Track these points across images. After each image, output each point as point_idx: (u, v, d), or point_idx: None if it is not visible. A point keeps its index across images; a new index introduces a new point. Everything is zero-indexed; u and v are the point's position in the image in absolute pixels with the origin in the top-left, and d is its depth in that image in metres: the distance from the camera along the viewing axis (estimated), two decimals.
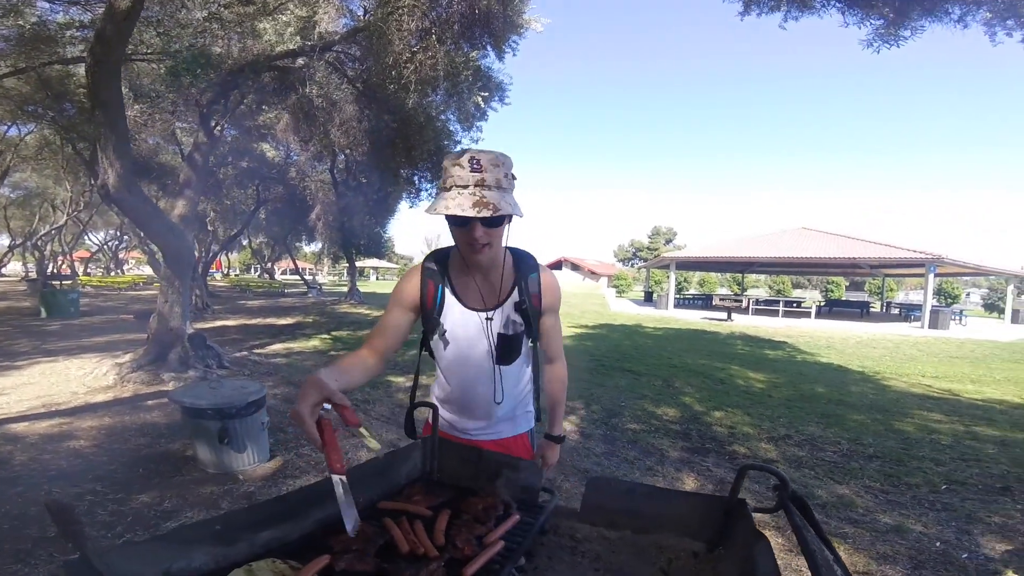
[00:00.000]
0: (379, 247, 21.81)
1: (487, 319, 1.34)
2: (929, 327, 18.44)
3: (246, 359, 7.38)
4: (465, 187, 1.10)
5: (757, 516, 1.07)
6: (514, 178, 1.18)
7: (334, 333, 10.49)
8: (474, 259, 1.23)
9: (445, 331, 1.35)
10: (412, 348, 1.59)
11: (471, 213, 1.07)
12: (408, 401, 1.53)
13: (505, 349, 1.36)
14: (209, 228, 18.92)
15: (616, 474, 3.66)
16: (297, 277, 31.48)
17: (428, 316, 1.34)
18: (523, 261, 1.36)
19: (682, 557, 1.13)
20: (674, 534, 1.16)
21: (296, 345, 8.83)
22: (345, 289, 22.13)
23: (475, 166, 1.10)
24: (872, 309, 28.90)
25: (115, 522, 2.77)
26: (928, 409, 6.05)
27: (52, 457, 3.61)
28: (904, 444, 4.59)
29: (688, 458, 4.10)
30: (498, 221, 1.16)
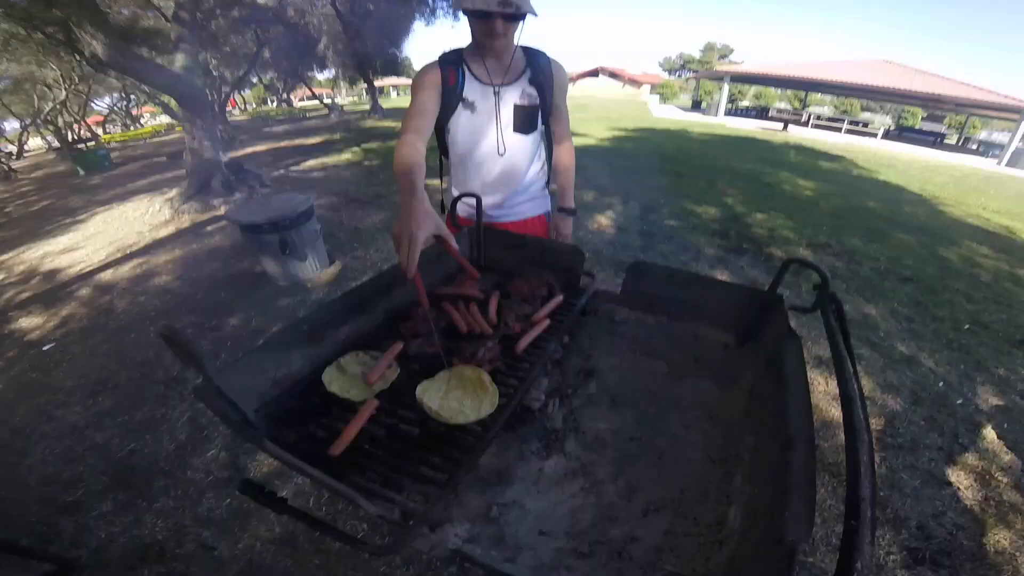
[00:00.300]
0: (396, 66, 20.37)
1: (498, 92, 1.45)
2: (1007, 164, 15.82)
3: (285, 176, 7.51)
4: None
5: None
6: None
7: (364, 146, 10.32)
8: (490, 47, 1.35)
9: (472, 103, 1.45)
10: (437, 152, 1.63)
11: (496, 8, 1.24)
12: (442, 200, 1.71)
13: (521, 119, 1.48)
14: (214, 73, 17.70)
15: None
16: (316, 102, 30.04)
17: (450, 94, 1.42)
18: (533, 51, 1.50)
19: (713, 347, 1.21)
20: (708, 325, 1.22)
21: (329, 160, 8.88)
22: (367, 107, 21.36)
23: None
24: (947, 141, 25.24)
25: (218, 348, 3.03)
26: (978, 241, 5.68)
27: (147, 298, 3.86)
28: (943, 273, 4.41)
29: (724, 256, 4.17)
30: (518, 17, 1.30)
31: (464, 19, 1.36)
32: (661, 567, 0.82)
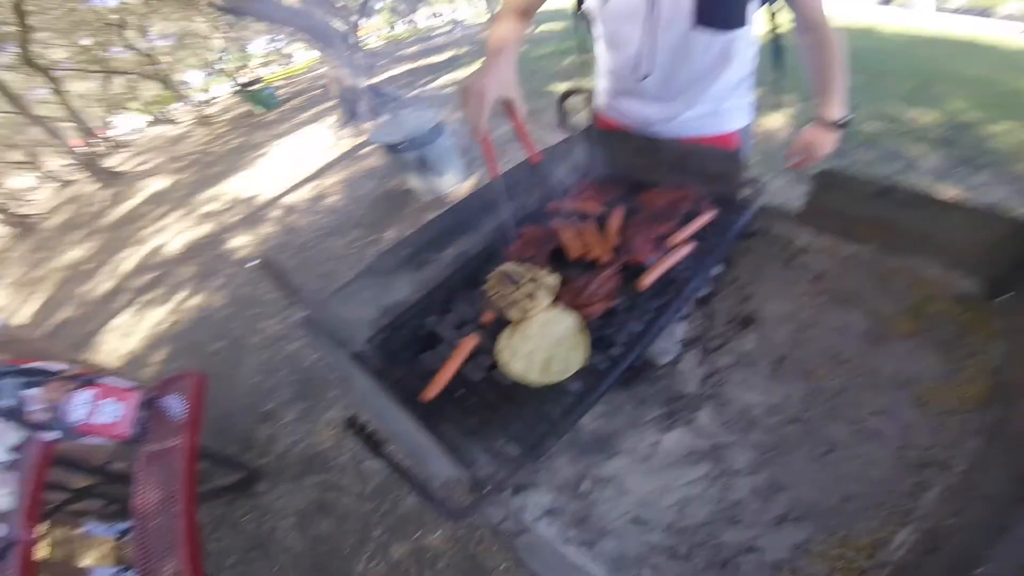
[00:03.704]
0: None
1: None
2: None
3: (421, 95, 7.76)
4: None
5: None
6: None
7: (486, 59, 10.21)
8: None
9: None
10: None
11: None
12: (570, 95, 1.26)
13: (715, 4, 0.90)
14: (337, 4, 18.63)
15: None
16: (439, 20, 30.04)
17: None
18: None
19: (942, 299, 0.79)
20: (939, 262, 0.80)
21: (458, 75, 8.89)
22: (488, 18, 20.64)
23: None
24: None
25: None
26: None
27: (321, 216, 4.57)
28: None
29: (949, 170, 3.08)
30: None
31: None
32: None
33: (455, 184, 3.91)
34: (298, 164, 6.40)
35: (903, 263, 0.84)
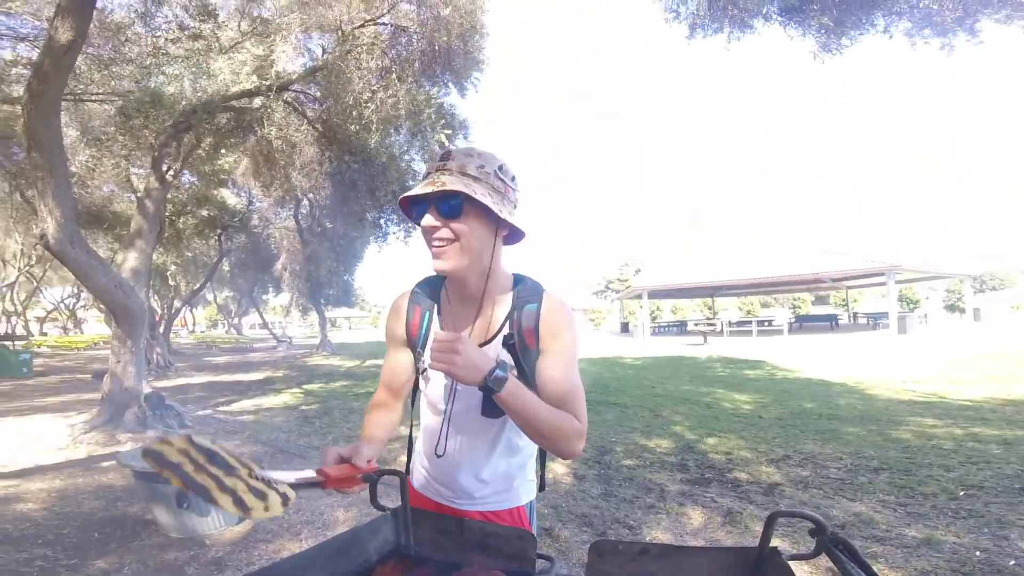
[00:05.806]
0: (349, 296, 20.91)
1: None
2: (898, 333, 19.15)
3: (211, 417, 6.83)
4: (427, 175, 0.94)
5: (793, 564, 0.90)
6: (499, 178, 0.95)
7: (306, 386, 9.71)
8: (437, 266, 0.96)
9: (426, 369, 1.07)
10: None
11: (418, 191, 0.90)
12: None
13: (490, 400, 1.02)
14: (171, 282, 18.16)
15: (616, 516, 3.34)
16: (266, 332, 29.96)
17: (413, 349, 1.12)
18: (525, 289, 1.05)
19: None
20: None
21: (266, 401, 8.25)
22: (316, 341, 21.25)
23: (443, 155, 0.95)
24: (841, 321, 29.72)
25: None
26: (919, 414, 6.04)
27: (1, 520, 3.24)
28: (907, 453, 4.48)
29: (689, 491, 3.84)
30: (455, 209, 0.91)
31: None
32: None
33: (221, 526, 3.20)
34: (1, 453, 4.86)
35: None
